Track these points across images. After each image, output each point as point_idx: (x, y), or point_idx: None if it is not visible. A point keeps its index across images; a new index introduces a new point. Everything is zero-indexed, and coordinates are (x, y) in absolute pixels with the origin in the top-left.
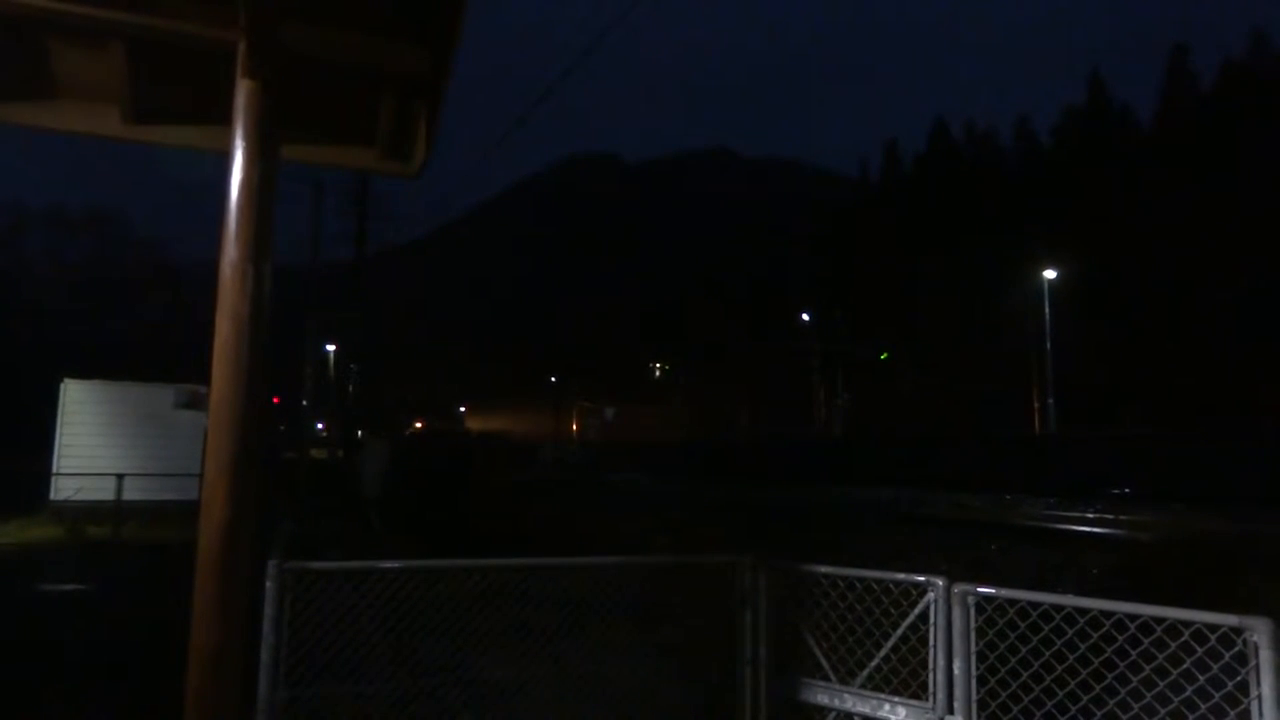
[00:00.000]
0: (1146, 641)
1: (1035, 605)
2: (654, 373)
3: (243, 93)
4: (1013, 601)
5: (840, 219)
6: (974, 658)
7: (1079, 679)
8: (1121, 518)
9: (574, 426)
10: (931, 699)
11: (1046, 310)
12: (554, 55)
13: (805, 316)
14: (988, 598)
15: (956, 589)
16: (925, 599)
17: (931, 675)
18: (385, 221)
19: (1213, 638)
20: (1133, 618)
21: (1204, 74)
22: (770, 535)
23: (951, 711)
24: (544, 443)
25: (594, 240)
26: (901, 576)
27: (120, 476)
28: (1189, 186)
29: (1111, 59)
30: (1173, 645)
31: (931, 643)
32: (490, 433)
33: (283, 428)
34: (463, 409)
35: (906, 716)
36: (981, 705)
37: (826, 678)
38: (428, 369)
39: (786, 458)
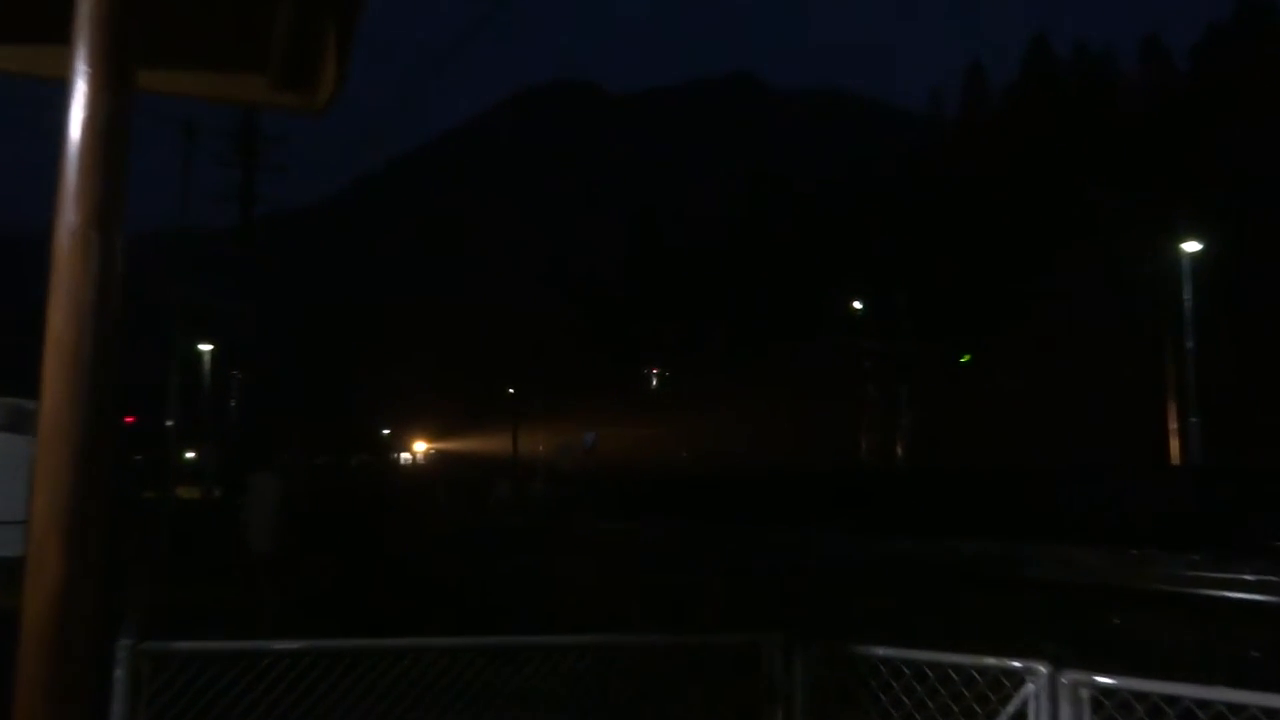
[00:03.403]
0: None
1: (1172, 700)
2: (650, 380)
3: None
4: (1141, 695)
5: (903, 171)
6: None
7: None
8: None
9: (541, 450)
10: None
11: (1187, 298)
12: None
13: (857, 305)
14: (1107, 690)
15: (1065, 678)
16: (1023, 692)
17: None
18: (281, 174)
19: None
20: None
21: None
22: (810, 604)
23: None
24: (501, 478)
25: (565, 198)
26: (990, 661)
27: None
28: None
29: None
30: None
31: None
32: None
33: (139, 457)
34: (386, 431)
35: None
36: None
37: None
38: (346, 376)
39: (830, 496)
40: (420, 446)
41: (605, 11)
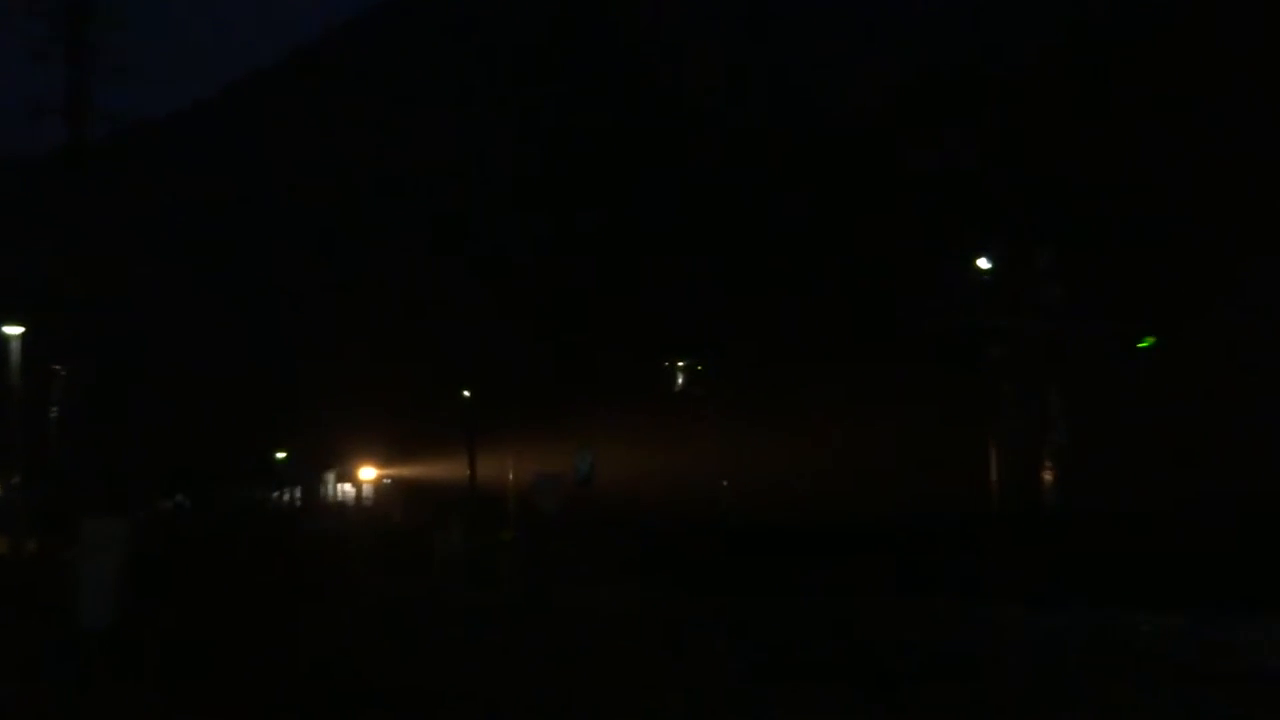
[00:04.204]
0: None
1: None
2: (674, 377)
3: None
4: None
5: (1032, 73)
6: None
7: None
8: None
9: (512, 479)
10: None
11: None
12: None
13: (984, 263)
14: None
15: None
16: None
17: None
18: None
19: None
20: None
21: None
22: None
23: None
24: (453, 524)
25: (535, 97)
26: None
27: None
28: None
29: None
30: None
31: None
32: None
33: None
34: (280, 454)
35: None
36: None
37: None
38: (231, 371)
39: (934, 548)
40: (368, 474)
41: None
